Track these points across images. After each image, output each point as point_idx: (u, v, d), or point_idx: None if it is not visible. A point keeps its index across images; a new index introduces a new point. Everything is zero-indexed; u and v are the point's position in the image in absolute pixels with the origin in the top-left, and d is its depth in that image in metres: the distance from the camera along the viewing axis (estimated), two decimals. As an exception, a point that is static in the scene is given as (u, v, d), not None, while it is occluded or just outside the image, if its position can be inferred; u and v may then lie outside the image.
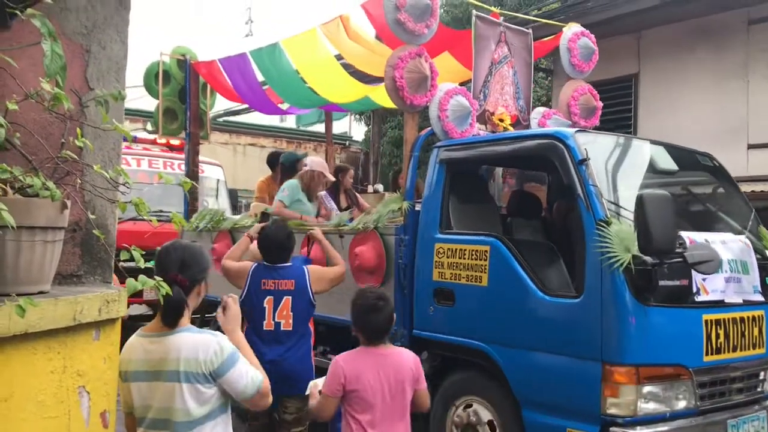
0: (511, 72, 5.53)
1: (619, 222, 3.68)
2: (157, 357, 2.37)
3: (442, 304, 4.51)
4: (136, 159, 9.63)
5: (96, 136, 2.39)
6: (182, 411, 2.34)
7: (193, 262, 2.47)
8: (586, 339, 3.70)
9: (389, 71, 4.79)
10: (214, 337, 2.38)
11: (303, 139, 22.97)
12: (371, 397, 3.11)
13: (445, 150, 4.75)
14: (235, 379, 2.37)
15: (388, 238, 4.89)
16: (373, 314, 3.26)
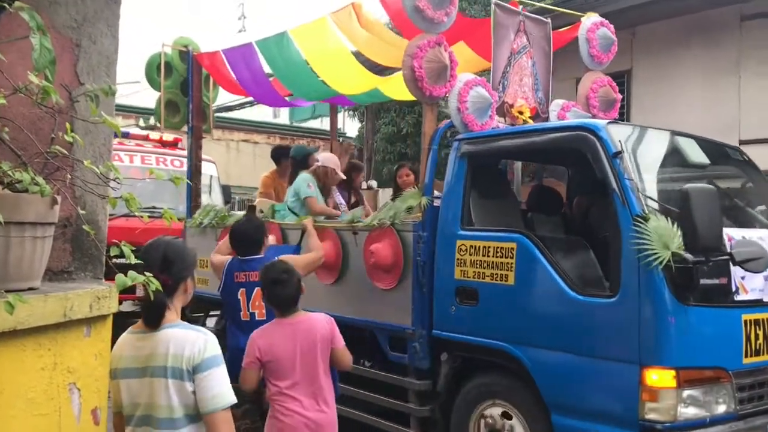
0: (530, 63, 5.34)
1: (657, 217, 3.50)
2: (146, 353, 2.35)
3: (465, 303, 4.32)
4: (128, 155, 9.55)
5: (86, 132, 2.38)
6: (167, 408, 2.30)
7: (176, 258, 2.43)
8: (623, 340, 3.52)
9: (407, 61, 4.59)
10: (203, 334, 2.35)
11: (297, 135, 22.90)
12: (286, 364, 3.31)
13: (466, 143, 4.56)
14: (210, 384, 2.30)
15: (405, 234, 4.70)
16: (279, 286, 3.46)
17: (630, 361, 3.48)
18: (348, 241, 5.20)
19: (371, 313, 4.98)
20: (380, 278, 4.82)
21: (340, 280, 5.25)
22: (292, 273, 3.53)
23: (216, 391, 2.29)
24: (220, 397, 2.29)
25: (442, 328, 4.47)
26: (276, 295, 3.50)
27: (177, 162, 9.99)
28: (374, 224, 4.88)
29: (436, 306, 4.52)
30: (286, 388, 3.34)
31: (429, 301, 4.59)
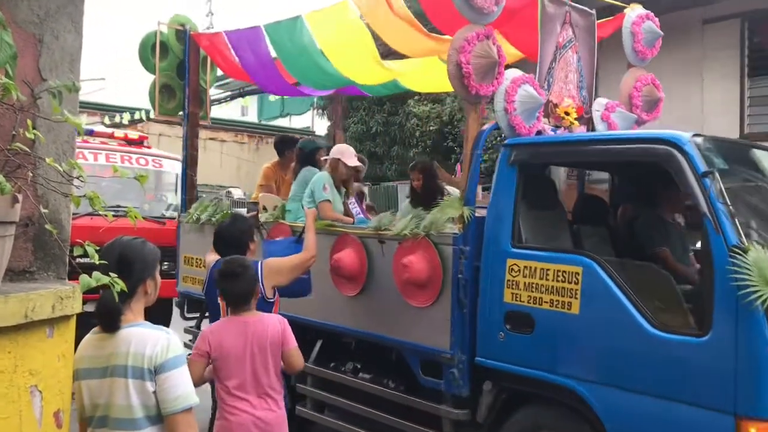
0: (575, 58, 4.87)
1: (756, 248, 3.08)
2: (107, 353, 2.30)
3: (517, 330, 3.88)
4: (92, 153, 9.26)
5: (49, 129, 2.35)
6: (126, 408, 2.25)
7: (135, 259, 2.40)
8: (714, 386, 3.12)
9: (453, 55, 4.09)
10: (165, 333, 2.32)
11: (265, 134, 22.61)
12: (235, 363, 3.25)
13: (518, 150, 4.08)
14: (173, 384, 2.26)
15: (444, 248, 4.23)
16: (233, 280, 3.39)
17: (722, 409, 3.08)
18: (374, 250, 4.72)
19: (400, 332, 4.52)
20: (413, 294, 4.35)
21: (363, 292, 4.77)
22: (247, 268, 3.47)
23: (179, 392, 2.25)
24: (182, 399, 2.25)
25: (487, 356, 4.03)
26: (229, 290, 3.43)
27: (143, 160, 9.85)
28: (406, 234, 4.40)
29: (480, 330, 4.08)
30: (234, 387, 3.30)
31: (470, 324, 4.14)
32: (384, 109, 15.41)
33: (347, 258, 4.78)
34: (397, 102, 15.97)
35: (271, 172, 6.99)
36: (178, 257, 6.77)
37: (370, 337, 4.78)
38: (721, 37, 9.37)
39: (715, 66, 9.26)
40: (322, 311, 5.10)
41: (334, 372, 5.14)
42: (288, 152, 6.92)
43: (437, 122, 15.88)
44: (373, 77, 5.76)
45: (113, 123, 16.70)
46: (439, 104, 16.15)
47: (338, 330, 5.06)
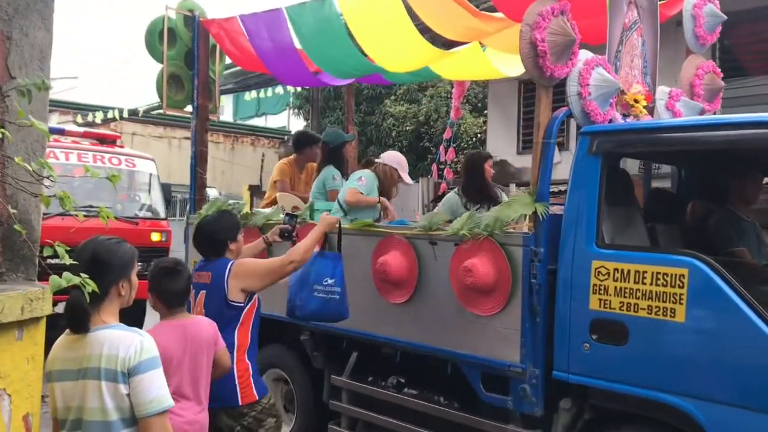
0: (640, 41, 4.46)
1: None
2: (81, 354, 2.26)
3: (606, 341, 3.44)
4: (64, 152, 9.07)
5: (18, 128, 2.30)
6: (99, 411, 2.21)
7: (109, 259, 2.35)
8: None
9: (526, 32, 3.65)
10: (139, 335, 2.28)
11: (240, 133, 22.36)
12: (173, 366, 3.09)
13: (603, 138, 3.65)
14: (147, 387, 2.22)
15: (512, 249, 3.78)
16: (168, 278, 3.26)
17: None
18: (424, 252, 4.25)
19: (457, 343, 4.06)
20: (476, 302, 3.89)
21: (413, 299, 4.29)
22: (184, 266, 3.34)
23: (153, 395, 2.21)
24: (157, 401, 2.22)
25: (567, 370, 3.58)
26: (164, 288, 3.26)
27: (115, 159, 9.66)
28: (465, 234, 3.95)
29: (558, 341, 3.63)
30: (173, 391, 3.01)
31: (545, 334, 3.70)
32: (360, 108, 15.45)
33: (394, 261, 4.31)
34: (373, 102, 15.77)
35: (287, 168, 6.50)
36: (186, 260, 6.22)
37: (420, 349, 4.30)
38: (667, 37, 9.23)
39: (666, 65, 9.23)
40: (362, 320, 4.61)
41: (374, 387, 4.66)
42: (306, 149, 6.47)
43: (413, 122, 15.71)
44: (406, 63, 5.28)
45: (86, 122, 16.42)
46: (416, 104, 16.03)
47: (381, 341, 4.57)
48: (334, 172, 5.64)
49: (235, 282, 3.58)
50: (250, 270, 3.64)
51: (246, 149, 23.07)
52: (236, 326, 3.59)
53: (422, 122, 15.61)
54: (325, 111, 15.82)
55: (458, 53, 5.27)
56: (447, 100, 14.05)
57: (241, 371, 3.56)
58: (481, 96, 15.18)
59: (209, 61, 6.22)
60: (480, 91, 14.93)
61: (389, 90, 15.75)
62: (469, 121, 15.05)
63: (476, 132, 14.98)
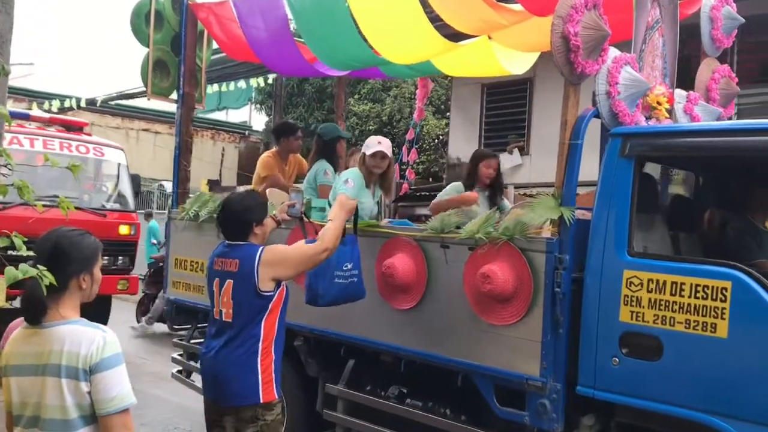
0: (660, 41, 4.28)
1: None
2: (40, 350, 2.18)
3: (638, 356, 3.24)
4: (29, 139, 8.63)
5: None
6: (59, 408, 2.15)
7: (70, 251, 2.26)
8: None
9: (559, 25, 3.42)
10: (101, 332, 2.20)
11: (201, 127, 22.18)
12: None
13: (636, 140, 3.44)
14: (110, 384, 2.14)
15: (533, 255, 3.56)
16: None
17: None
18: (434, 255, 4.00)
19: (470, 354, 3.82)
20: (492, 310, 3.66)
21: (421, 305, 4.05)
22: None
23: (114, 392, 2.14)
24: (118, 399, 2.15)
25: (593, 385, 3.37)
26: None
27: (83, 148, 9.23)
28: (481, 237, 3.71)
29: (584, 354, 3.42)
30: None
31: (567, 347, 3.48)
32: (324, 106, 15.38)
33: (401, 265, 4.05)
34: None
35: (272, 161, 6.19)
36: (167, 259, 5.89)
37: (426, 359, 4.05)
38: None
39: None
40: (361, 326, 4.36)
41: (372, 397, 4.40)
42: (288, 139, 6.18)
43: (377, 122, 15.65)
44: (410, 54, 5.01)
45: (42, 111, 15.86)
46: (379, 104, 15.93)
47: (383, 348, 4.31)
48: (326, 167, 5.38)
49: (266, 270, 3.27)
50: (281, 257, 3.33)
51: (206, 143, 22.68)
52: (264, 317, 3.30)
53: (385, 122, 15.50)
54: (288, 107, 15.65)
55: (466, 47, 5.03)
56: (410, 101, 13.99)
57: (266, 365, 3.29)
58: (444, 98, 15.16)
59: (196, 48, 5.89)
60: (443, 93, 14.96)
61: (353, 89, 15.66)
62: (432, 122, 14.99)
63: (438, 134, 14.91)
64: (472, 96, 12.04)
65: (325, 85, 15.67)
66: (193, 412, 6.47)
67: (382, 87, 15.09)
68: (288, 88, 16.84)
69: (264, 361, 3.28)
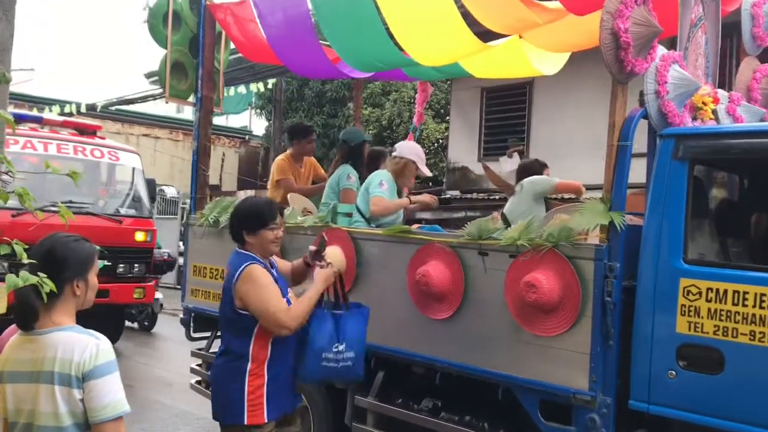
0: (703, 39, 4.13)
1: None
2: (34, 356, 2.16)
3: (697, 369, 3.07)
4: (42, 143, 8.34)
5: None
6: (52, 416, 2.12)
7: (64, 257, 2.25)
8: None
9: (608, 21, 3.27)
10: (95, 339, 2.18)
11: None
12: None
13: (691, 142, 3.28)
14: (102, 391, 2.12)
15: (581, 263, 3.39)
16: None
17: None
18: (472, 263, 3.84)
19: (512, 366, 3.66)
20: (537, 321, 3.50)
21: (458, 315, 3.88)
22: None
23: (107, 400, 2.13)
24: (111, 407, 2.13)
25: (647, 399, 3.21)
26: None
27: (98, 152, 8.94)
28: (523, 245, 3.55)
29: (636, 367, 3.25)
30: None
31: (617, 359, 3.32)
32: (324, 111, 15.42)
33: (437, 272, 3.89)
34: (337, 104, 15.62)
35: (286, 164, 6.06)
36: (185, 266, 5.73)
37: (464, 371, 3.88)
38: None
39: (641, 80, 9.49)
40: (394, 336, 4.20)
41: (404, 409, 4.23)
42: (303, 142, 6.07)
43: (376, 126, 15.60)
44: (441, 55, 4.85)
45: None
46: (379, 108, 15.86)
47: (417, 360, 4.15)
48: (350, 171, 5.25)
49: (238, 292, 3.15)
50: (246, 291, 3.13)
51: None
52: (251, 337, 3.17)
53: (385, 126, 15.42)
54: (288, 112, 15.64)
55: (497, 47, 4.87)
56: (410, 105, 13.94)
57: (253, 387, 3.15)
58: (443, 102, 15.10)
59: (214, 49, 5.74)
60: (443, 97, 14.92)
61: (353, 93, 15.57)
62: (431, 126, 14.91)
63: (438, 138, 14.82)
64: (472, 100, 12.05)
65: (325, 90, 15.62)
66: (196, 417, 6.40)
67: (382, 91, 15.05)
68: (288, 92, 16.79)
69: (252, 383, 3.14)
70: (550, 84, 10.21)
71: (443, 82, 14.35)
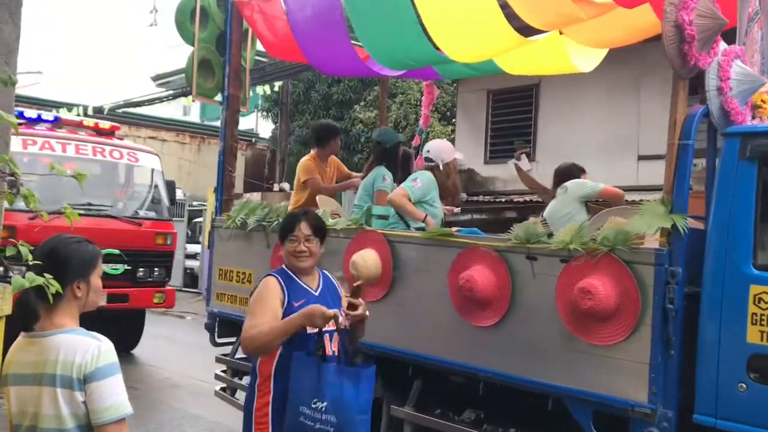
0: (759, 35, 3.95)
1: None
2: (37, 359, 2.14)
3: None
4: (60, 143, 8.15)
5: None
6: (55, 418, 2.10)
7: (65, 258, 2.20)
8: None
9: (671, 12, 3.09)
10: (97, 341, 2.14)
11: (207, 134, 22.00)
12: None
13: (762, 141, 3.10)
14: (105, 393, 2.08)
15: (640, 268, 3.21)
16: None
17: None
18: (519, 268, 3.67)
19: (563, 375, 3.48)
20: (591, 329, 3.32)
21: (504, 323, 3.71)
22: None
23: (109, 402, 2.09)
24: (113, 409, 2.10)
25: (714, 413, 3.02)
26: None
27: (117, 153, 8.72)
28: (576, 249, 3.38)
29: (701, 379, 3.07)
30: None
31: (679, 369, 3.14)
32: (330, 113, 15.48)
33: (481, 278, 3.72)
34: (343, 107, 15.61)
35: (313, 164, 5.92)
36: (210, 269, 5.57)
37: (512, 381, 3.70)
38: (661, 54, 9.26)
39: (652, 83, 9.36)
40: (433, 344, 4.03)
41: (444, 420, 4.06)
42: (330, 142, 5.94)
43: None
44: (477, 51, 4.67)
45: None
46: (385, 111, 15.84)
47: (460, 369, 3.97)
48: (385, 173, 5.09)
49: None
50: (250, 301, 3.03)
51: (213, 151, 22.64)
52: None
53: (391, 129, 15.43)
54: (294, 114, 15.63)
55: (536, 43, 4.69)
56: (416, 108, 13.91)
57: (260, 405, 2.95)
58: (450, 104, 15.00)
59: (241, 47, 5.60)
60: (449, 99, 14.87)
61: (359, 96, 15.56)
62: (437, 129, 14.85)
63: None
64: (478, 102, 12.00)
65: (331, 93, 15.59)
66: (203, 420, 6.32)
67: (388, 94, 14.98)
68: (294, 95, 16.76)
69: (259, 400, 2.96)
70: (557, 86, 10.34)
71: (449, 85, 14.33)
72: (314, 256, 3.04)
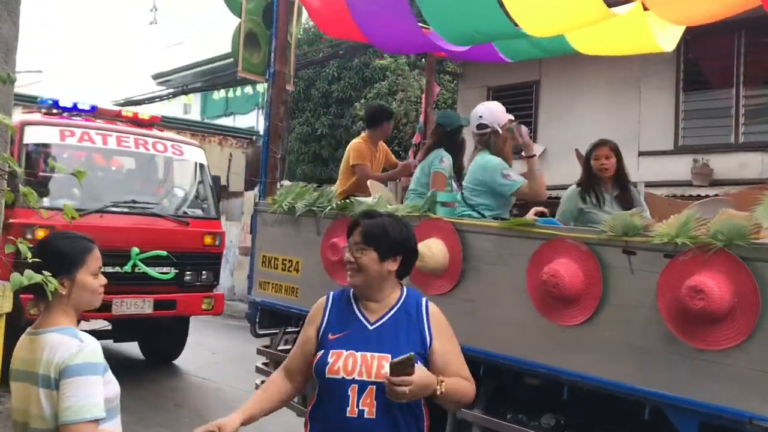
0: None
1: None
2: (30, 357, 2.16)
3: None
4: (100, 135, 7.39)
5: None
6: (39, 418, 2.09)
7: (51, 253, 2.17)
8: None
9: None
10: (79, 341, 2.11)
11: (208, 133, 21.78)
12: None
13: None
14: (69, 391, 2.03)
15: (761, 266, 2.88)
16: None
17: None
18: (612, 263, 3.33)
19: (663, 382, 3.14)
20: (700, 331, 2.98)
21: (593, 321, 3.37)
22: None
23: (72, 401, 2.03)
24: (72, 411, 2.02)
25: None
26: None
27: (160, 146, 7.91)
28: (684, 243, 3.04)
29: (833, 391, 2.74)
30: None
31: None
32: (330, 111, 15.65)
33: (568, 272, 3.39)
34: (344, 104, 15.47)
35: (365, 149, 5.61)
36: (253, 256, 5.27)
37: (604, 387, 3.37)
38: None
39: (653, 80, 9.49)
40: (508, 343, 3.71)
41: (520, 426, 3.75)
42: (383, 125, 5.66)
43: None
44: (555, 23, 4.27)
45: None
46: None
47: (539, 371, 3.64)
48: (444, 155, 4.75)
49: None
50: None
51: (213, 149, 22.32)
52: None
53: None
54: (295, 112, 15.70)
55: (620, 17, 4.30)
56: (416, 105, 13.64)
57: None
58: (450, 101, 14.78)
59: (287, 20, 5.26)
60: (449, 96, 14.78)
61: (359, 93, 15.33)
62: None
63: None
64: (478, 99, 11.78)
65: (331, 90, 15.47)
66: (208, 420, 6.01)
67: (389, 91, 14.75)
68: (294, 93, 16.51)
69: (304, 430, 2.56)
70: (557, 83, 10.55)
71: (450, 81, 14.28)
72: (364, 273, 2.40)
